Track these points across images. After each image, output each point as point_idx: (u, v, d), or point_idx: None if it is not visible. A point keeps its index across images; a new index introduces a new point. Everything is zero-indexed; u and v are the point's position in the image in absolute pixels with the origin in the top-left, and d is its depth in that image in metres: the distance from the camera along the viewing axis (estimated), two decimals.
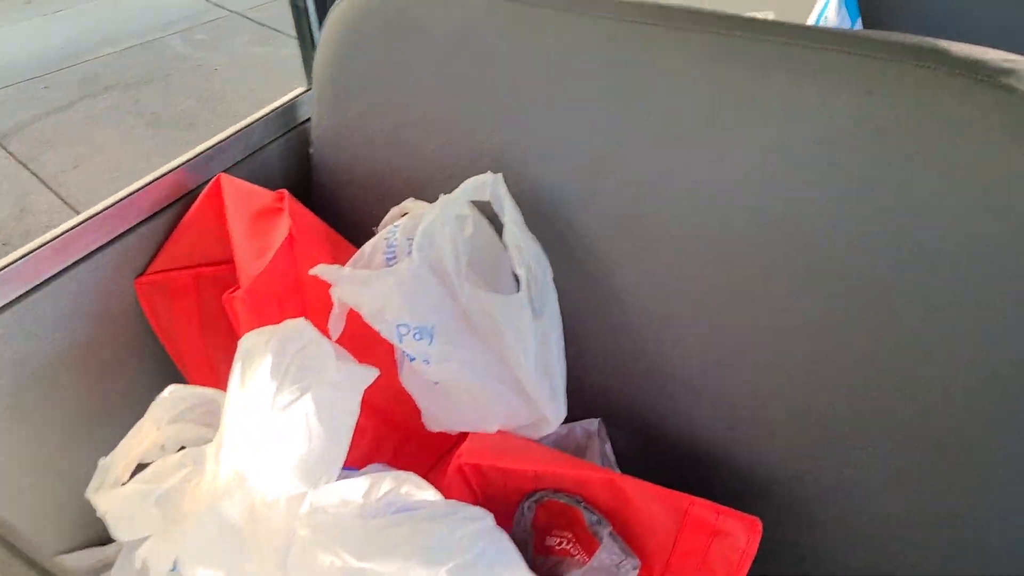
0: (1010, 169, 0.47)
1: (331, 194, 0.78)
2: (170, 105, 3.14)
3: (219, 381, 0.55)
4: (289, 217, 0.62)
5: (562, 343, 0.64)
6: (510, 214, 0.64)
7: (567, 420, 0.68)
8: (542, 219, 0.66)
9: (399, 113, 0.70)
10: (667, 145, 0.59)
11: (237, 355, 0.55)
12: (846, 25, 0.84)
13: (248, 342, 0.56)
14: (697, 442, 0.66)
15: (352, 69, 0.72)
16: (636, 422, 0.69)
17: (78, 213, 0.67)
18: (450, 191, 0.65)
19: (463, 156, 0.68)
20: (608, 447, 0.70)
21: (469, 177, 0.68)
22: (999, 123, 0.48)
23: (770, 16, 0.74)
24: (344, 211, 0.77)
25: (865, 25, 0.89)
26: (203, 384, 0.60)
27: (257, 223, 0.64)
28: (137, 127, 3.00)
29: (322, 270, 0.59)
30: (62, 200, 2.51)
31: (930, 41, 0.51)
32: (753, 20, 0.56)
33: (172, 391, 0.55)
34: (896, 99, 0.50)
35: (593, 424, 0.70)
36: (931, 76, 0.50)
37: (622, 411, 0.70)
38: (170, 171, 0.70)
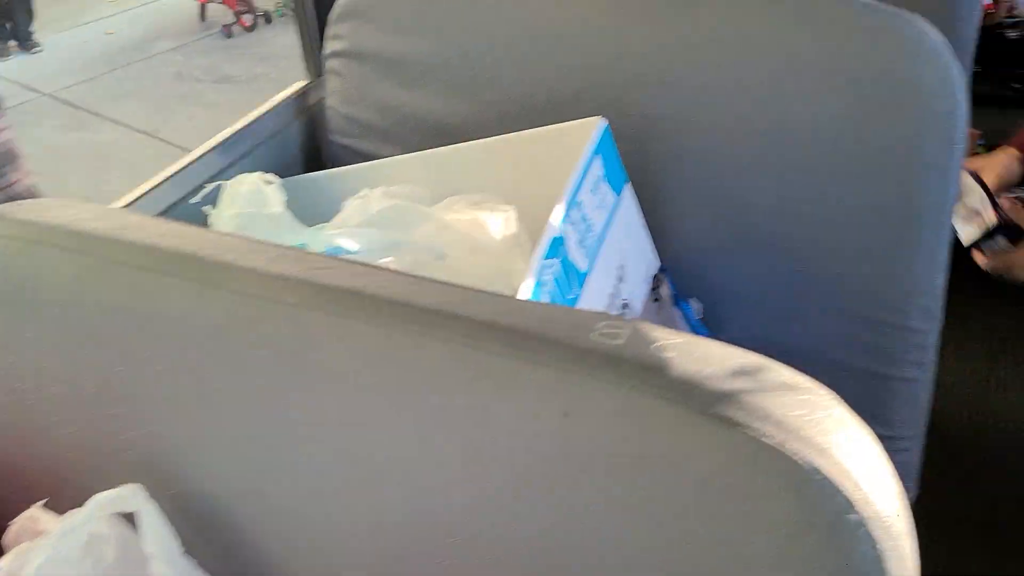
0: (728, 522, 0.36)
1: None
2: None
3: None
4: None
5: None
6: (156, 541, 0.47)
7: None
8: (207, 537, 0.50)
9: (17, 387, 0.53)
10: (341, 452, 0.45)
11: None
12: (610, 198, 0.72)
13: None
14: None
15: None
16: None
17: None
18: (97, 488, 0.49)
19: (103, 447, 0.52)
20: None
21: (114, 471, 0.52)
22: (717, 463, 0.36)
23: (512, 215, 0.61)
24: None
25: (635, 183, 0.79)
26: None
27: None
28: None
29: None
30: None
31: (650, 348, 0.39)
32: (437, 304, 0.43)
33: None
34: (595, 425, 0.38)
35: None
36: (636, 401, 0.38)
37: None
38: None
